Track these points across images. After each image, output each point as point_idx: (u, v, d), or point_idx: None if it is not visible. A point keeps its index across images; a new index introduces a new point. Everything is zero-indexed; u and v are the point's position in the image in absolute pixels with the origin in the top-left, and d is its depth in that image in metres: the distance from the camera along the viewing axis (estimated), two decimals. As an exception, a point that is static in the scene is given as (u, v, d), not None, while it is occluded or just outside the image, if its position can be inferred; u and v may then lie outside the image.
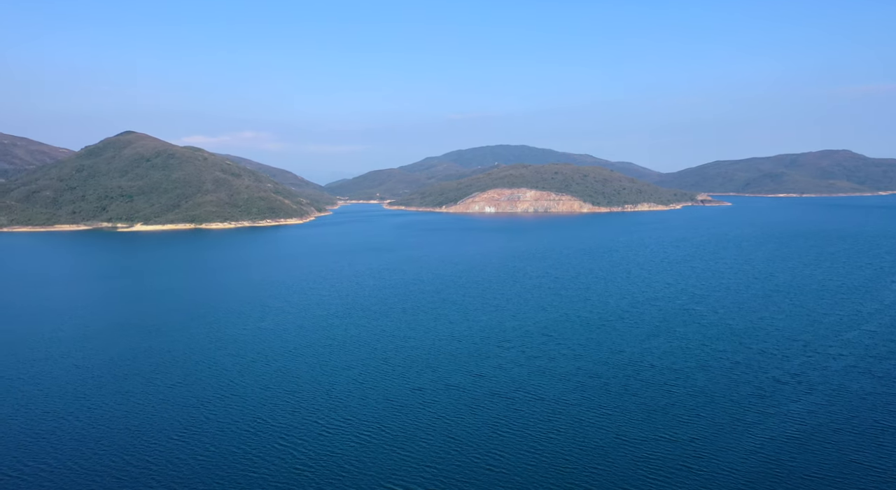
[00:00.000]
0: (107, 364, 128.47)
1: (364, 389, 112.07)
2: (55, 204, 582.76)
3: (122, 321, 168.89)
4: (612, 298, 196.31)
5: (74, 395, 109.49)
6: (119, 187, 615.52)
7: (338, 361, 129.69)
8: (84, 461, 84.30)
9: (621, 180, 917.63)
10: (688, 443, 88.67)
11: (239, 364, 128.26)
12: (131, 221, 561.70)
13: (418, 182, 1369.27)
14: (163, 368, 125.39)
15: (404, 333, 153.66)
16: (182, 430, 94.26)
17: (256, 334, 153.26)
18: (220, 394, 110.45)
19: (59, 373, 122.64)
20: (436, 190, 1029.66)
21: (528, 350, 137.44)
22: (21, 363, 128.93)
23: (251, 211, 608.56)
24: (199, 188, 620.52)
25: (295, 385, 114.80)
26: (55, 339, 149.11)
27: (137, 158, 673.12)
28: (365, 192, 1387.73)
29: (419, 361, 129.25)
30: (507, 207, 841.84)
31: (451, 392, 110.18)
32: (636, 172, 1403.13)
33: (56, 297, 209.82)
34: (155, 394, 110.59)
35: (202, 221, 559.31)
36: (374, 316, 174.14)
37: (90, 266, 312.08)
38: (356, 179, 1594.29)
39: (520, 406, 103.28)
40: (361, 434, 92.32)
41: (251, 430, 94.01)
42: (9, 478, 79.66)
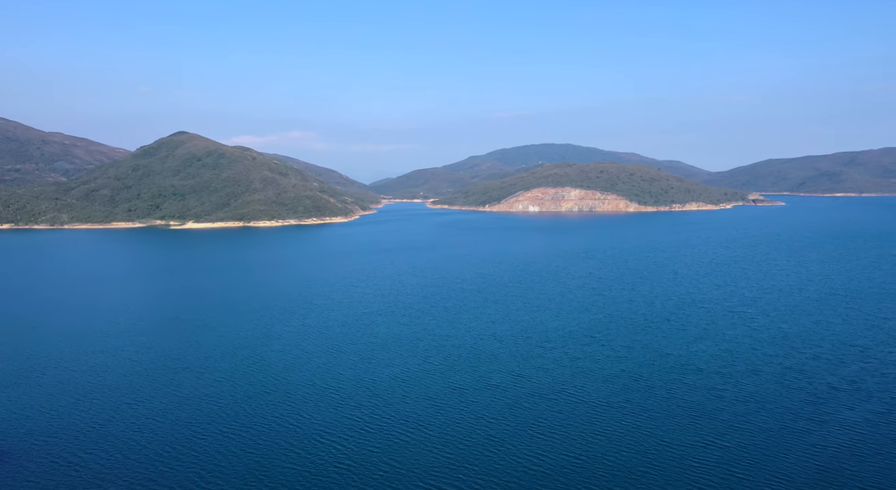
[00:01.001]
0: (158, 358, 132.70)
1: (405, 388, 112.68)
2: (112, 202, 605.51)
3: (174, 316, 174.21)
4: (657, 300, 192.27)
5: (129, 388, 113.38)
6: (172, 186, 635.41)
7: (379, 359, 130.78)
8: (137, 451, 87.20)
9: (669, 179, 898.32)
10: (736, 449, 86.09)
11: (283, 360, 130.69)
12: (183, 219, 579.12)
13: (462, 181, 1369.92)
14: (211, 363, 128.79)
15: (445, 332, 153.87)
16: (229, 424, 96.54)
17: (301, 331, 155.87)
18: (265, 389, 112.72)
19: (115, 365, 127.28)
20: (479, 189, 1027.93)
21: (571, 351, 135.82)
22: (81, 355, 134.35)
23: (297, 209, 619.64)
24: (247, 187, 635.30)
25: (337, 382, 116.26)
26: (111, 332, 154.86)
27: (189, 158, 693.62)
28: (409, 190, 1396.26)
29: (460, 361, 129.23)
30: (551, 207, 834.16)
31: (492, 392, 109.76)
32: (684, 171, 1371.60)
33: (112, 292, 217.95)
34: (203, 387, 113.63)
35: (250, 219, 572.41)
36: (416, 314, 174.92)
37: (144, 263, 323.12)
38: (400, 178, 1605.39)
39: (562, 408, 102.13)
40: (402, 432, 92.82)
41: (294, 426, 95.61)
42: (68, 465, 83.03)
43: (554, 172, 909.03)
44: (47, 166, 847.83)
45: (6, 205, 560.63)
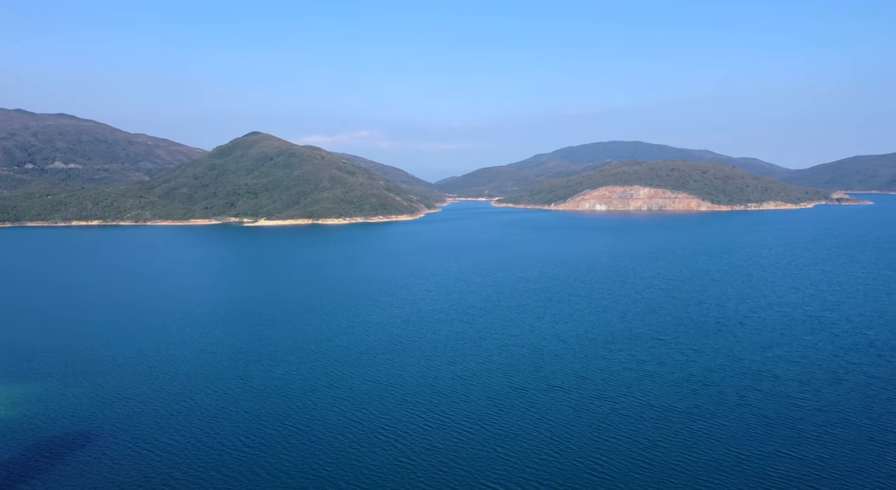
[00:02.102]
0: (231, 350, 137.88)
1: (466, 386, 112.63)
2: (190, 200, 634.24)
3: (245, 310, 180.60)
4: (730, 302, 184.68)
5: (203, 378, 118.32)
6: (245, 184, 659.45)
7: (442, 357, 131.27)
8: (210, 439, 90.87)
9: (744, 177, 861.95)
10: (815, 462, 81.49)
11: (348, 356, 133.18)
12: (256, 217, 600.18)
13: (527, 179, 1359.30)
14: (279, 356, 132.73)
15: (508, 331, 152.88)
16: (295, 416, 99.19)
17: (365, 327, 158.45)
18: (330, 383, 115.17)
19: (191, 356, 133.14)
20: (545, 187, 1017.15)
21: (637, 353, 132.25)
22: (160, 346, 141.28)
23: (364, 207, 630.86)
24: (316, 185, 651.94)
25: (400, 378, 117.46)
26: (187, 325, 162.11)
27: (262, 157, 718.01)
28: (473, 189, 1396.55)
29: (522, 360, 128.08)
30: (619, 205, 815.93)
31: (555, 393, 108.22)
32: (761, 168, 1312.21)
33: (189, 286, 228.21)
34: (272, 380, 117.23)
35: (319, 217, 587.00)
36: (479, 313, 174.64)
37: (219, 259, 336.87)
38: (465, 177, 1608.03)
39: (626, 411, 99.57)
40: (462, 431, 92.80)
41: (357, 421, 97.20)
42: (148, 450, 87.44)
43: (622, 170, 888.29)
44: (132, 166, 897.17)
45: (96, 202, 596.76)
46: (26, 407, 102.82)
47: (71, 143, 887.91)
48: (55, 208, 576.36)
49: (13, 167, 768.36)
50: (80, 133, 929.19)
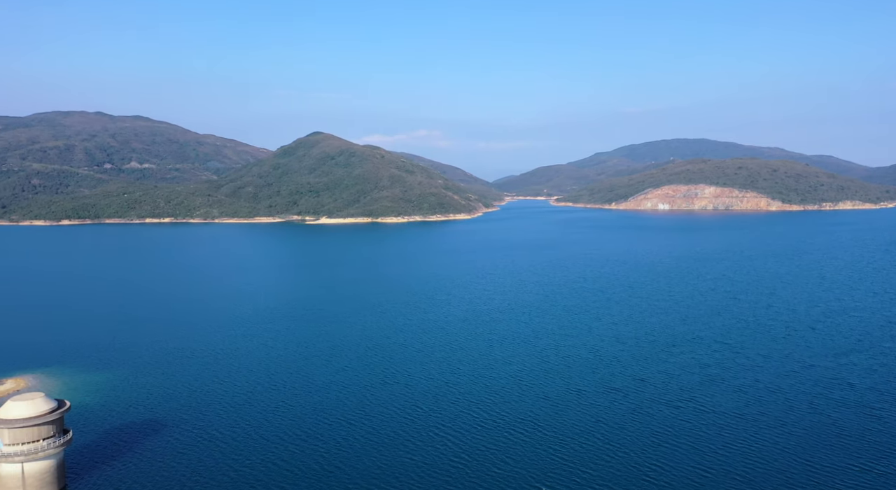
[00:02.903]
0: (291, 345, 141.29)
1: (522, 386, 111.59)
2: (255, 198, 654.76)
3: (305, 306, 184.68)
4: (800, 306, 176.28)
5: (265, 372, 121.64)
6: (308, 183, 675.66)
7: (498, 356, 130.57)
8: (271, 431, 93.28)
9: (818, 175, 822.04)
10: (893, 477, 76.63)
11: (404, 353, 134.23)
12: (317, 215, 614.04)
13: (587, 178, 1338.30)
14: (338, 352, 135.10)
15: (565, 332, 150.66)
16: (353, 411, 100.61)
17: (421, 325, 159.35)
18: (386, 380, 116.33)
19: (253, 350, 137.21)
20: (605, 186, 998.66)
21: (700, 357, 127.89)
22: (224, 340, 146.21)
23: (422, 206, 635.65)
24: (376, 184, 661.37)
25: (456, 377, 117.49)
26: (250, 319, 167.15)
27: (324, 157, 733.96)
28: (532, 188, 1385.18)
29: (579, 362, 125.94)
30: (683, 205, 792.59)
31: (612, 396, 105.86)
32: (837, 166, 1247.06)
33: (253, 281, 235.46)
34: (331, 375, 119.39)
35: (378, 215, 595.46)
36: (536, 313, 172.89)
37: (282, 255, 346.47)
38: (523, 175, 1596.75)
39: (687, 416, 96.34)
40: (517, 431, 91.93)
41: (412, 418, 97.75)
42: (212, 439, 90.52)
43: (686, 169, 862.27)
44: (202, 165, 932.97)
45: (168, 200, 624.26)
46: (103, 394, 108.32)
47: (146, 143, 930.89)
48: (131, 206, 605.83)
49: (93, 167, 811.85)
50: (154, 134, 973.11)
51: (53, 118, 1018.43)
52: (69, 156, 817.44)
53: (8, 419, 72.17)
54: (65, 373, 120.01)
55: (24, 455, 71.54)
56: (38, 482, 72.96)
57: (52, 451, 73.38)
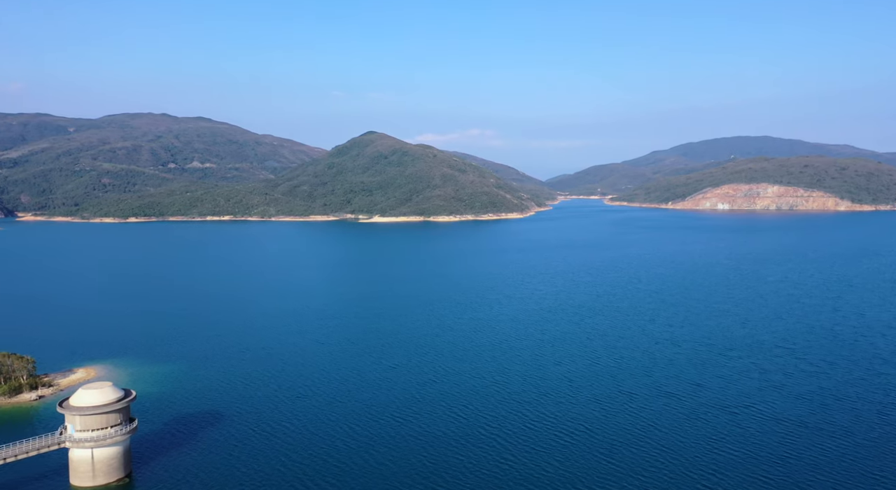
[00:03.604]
0: (343, 341, 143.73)
1: (573, 388, 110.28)
2: (310, 197, 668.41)
3: (357, 302, 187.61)
4: (870, 310, 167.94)
5: (318, 367, 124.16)
6: (361, 182, 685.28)
7: (548, 357, 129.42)
8: (324, 427, 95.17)
9: (892, 173, 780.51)
10: (969, 494, 72.19)
11: (454, 351, 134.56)
12: (370, 213, 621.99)
13: (643, 177, 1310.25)
14: (388, 349, 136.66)
15: (618, 333, 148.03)
16: (402, 408, 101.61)
17: (471, 324, 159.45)
18: (436, 378, 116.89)
19: (306, 345, 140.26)
20: (661, 185, 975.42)
21: (760, 362, 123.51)
22: (279, 335, 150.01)
23: (475, 205, 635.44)
24: (428, 183, 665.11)
25: (505, 376, 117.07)
26: (304, 315, 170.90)
27: (377, 156, 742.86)
28: (586, 187, 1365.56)
29: (632, 364, 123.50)
30: (744, 204, 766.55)
31: (666, 400, 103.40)
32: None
33: (308, 278, 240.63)
34: (381, 372, 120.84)
35: (430, 214, 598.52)
36: (588, 313, 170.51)
37: (334, 253, 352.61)
38: (577, 174, 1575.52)
39: (746, 423, 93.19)
40: (567, 433, 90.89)
41: (461, 417, 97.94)
42: (268, 431, 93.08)
43: (748, 167, 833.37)
44: (259, 165, 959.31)
45: (227, 199, 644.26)
46: (165, 385, 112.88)
47: (207, 144, 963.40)
48: (192, 204, 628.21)
49: (158, 166, 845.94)
50: (215, 135, 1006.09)
51: (123, 120, 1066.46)
52: (136, 156, 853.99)
53: (79, 407, 76.07)
54: (131, 363, 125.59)
55: (93, 441, 75.25)
56: (106, 468, 76.62)
57: (119, 438, 76.94)
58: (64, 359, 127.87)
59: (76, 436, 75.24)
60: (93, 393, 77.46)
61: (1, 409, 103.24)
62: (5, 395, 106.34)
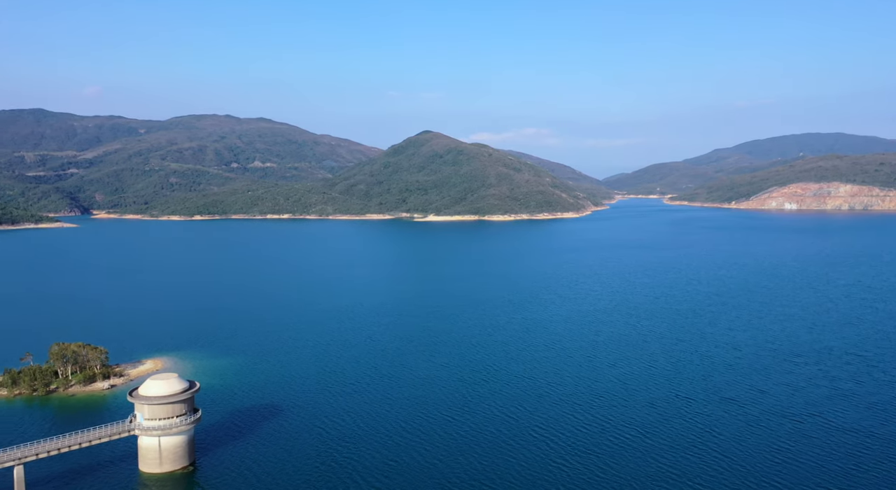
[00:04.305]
0: (396, 339, 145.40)
1: (627, 390, 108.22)
2: (367, 196, 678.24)
3: (411, 300, 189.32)
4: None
5: (371, 364, 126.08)
6: (416, 181, 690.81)
7: (602, 359, 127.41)
8: (378, 422, 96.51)
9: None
10: None
11: (506, 351, 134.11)
12: (425, 212, 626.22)
13: (704, 176, 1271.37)
14: (441, 348, 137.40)
15: (675, 336, 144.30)
16: (453, 407, 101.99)
17: (524, 324, 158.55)
18: (488, 377, 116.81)
19: (360, 342, 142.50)
20: (724, 184, 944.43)
21: (828, 369, 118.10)
22: (335, 331, 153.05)
23: (529, 204, 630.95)
24: (483, 182, 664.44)
25: (558, 378, 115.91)
26: (357, 312, 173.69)
27: (432, 155, 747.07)
28: (644, 186, 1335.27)
29: (690, 368, 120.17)
30: (813, 204, 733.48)
31: (726, 406, 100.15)
32: None
33: (362, 276, 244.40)
34: (433, 370, 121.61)
35: (485, 214, 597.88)
36: (644, 315, 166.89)
37: (389, 251, 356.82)
38: (635, 173, 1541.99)
39: (814, 433, 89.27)
40: (621, 437, 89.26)
41: (513, 417, 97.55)
42: (324, 425, 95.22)
43: (818, 165, 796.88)
44: (318, 164, 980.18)
45: (287, 197, 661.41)
46: (226, 378, 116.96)
47: (268, 144, 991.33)
48: (254, 203, 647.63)
49: (221, 166, 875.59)
50: (276, 135, 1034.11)
51: (189, 121, 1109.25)
52: (202, 156, 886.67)
53: (148, 396, 79.76)
54: (194, 356, 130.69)
55: (160, 430, 78.77)
56: (172, 455, 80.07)
57: (184, 427, 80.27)
58: (134, 350, 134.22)
59: (145, 424, 78.88)
60: (160, 383, 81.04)
61: (76, 397, 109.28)
62: (80, 384, 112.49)
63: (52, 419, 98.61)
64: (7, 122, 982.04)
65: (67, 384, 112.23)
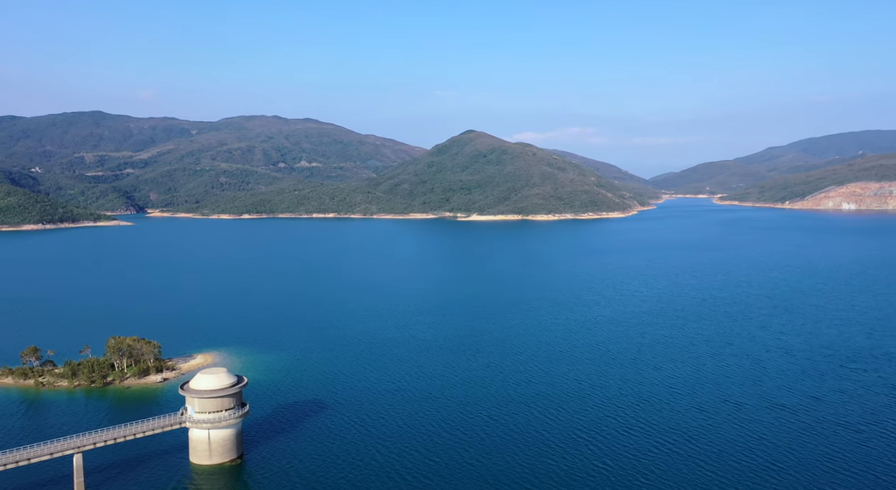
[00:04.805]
0: (439, 338, 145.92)
1: (673, 394, 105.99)
2: (410, 195, 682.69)
3: (451, 300, 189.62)
4: None
5: (414, 362, 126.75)
6: (460, 181, 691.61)
7: (647, 361, 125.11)
8: (419, 421, 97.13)
9: None
10: None
11: (549, 352, 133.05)
12: (468, 212, 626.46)
13: (756, 175, 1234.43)
14: (483, 348, 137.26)
15: (724, 339, 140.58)
16: (495, 408, 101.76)
17: (567, 325, 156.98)
18: (530, 378, 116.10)
19: (404, 340, 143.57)
20: (777, 183, 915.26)
21: (889, 376, 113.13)
22: (377, 329, 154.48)
23: (574, 204, 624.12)
24: (527, 181, 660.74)
25: (602, 380, 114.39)
26: (400, 310, 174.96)
27: (476, 155, 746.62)
28: (693, 185, 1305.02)
29: (739, 373, 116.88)
30: (873, 204, 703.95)
31: (778, 413, 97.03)
32: None
33: (405, 274, 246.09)
34: (475, 370, 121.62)
35: (528, 213, 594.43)
36: (691, 317, 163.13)
37: (432, 250, 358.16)
38: (684, 172, 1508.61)
39: (873, 444, 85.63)
40: (667, 441, 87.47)
41: (555, 418, 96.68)
42: (359, 425, 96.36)
43: (879, 163, 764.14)
44: (362, 164, 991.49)
45: (332, 197, 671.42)
46: (273, 374, 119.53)
47: (314, 144, 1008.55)
48: (300, 202, 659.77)
49: (269, 166, 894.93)
50: (322, 135, 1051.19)
51: (238, 122, 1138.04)
52: (250, 156, 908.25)
53: (198, 390, 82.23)
54: (242, 351, 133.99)
55: (210, 423, 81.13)
56: (221, 448, 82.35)
57: (232, 421, 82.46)
58: (185, 345, 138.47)
59: (195, 417, 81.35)
60: (210, 378, 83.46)
61: (131, 389, 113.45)
62: (135, 377, 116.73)
63: (108, 410, 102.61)
64: (69, 125, 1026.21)
65: (123, 376, 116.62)
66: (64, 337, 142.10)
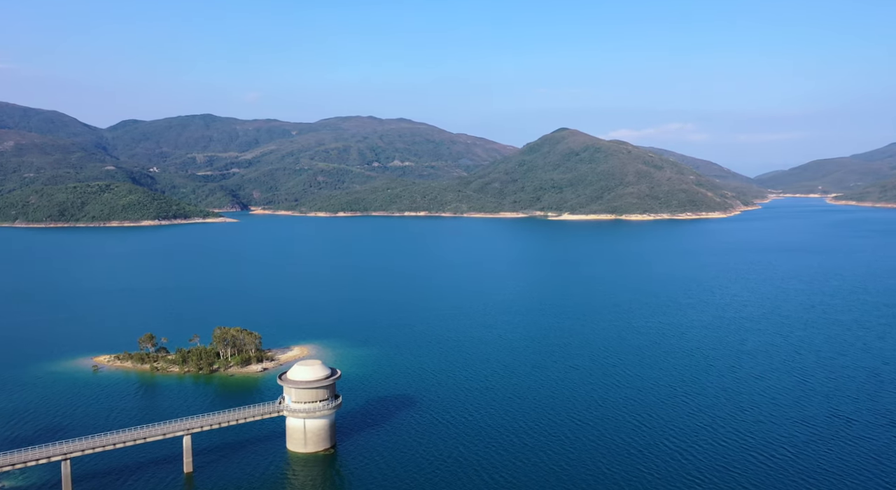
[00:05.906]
0: (526, 338, 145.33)
1: (776, 406, 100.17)
2: (501, 194, 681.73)
3: (541, 300, 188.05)
4: None
5: (502, 362, 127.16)
6: (551, 179, 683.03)
7: (746, 370, 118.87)
8: (505, 419, 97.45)
9: None
10: None
11: (639, 357, 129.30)
12: (559, 211, 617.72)
13: (878, 172, 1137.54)
14: (571, 348, 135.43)
15: (835, 349, 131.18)
16: (583, 410, 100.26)
17: (660, 329, 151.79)
18: (620, 382, 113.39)
19: (492, 339, 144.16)
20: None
21: None
22: (465, 328, 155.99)
23: (671, 203, 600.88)
24: (621, 180, 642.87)
25: (697, 387, 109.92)
26: (489, 309, 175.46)
27: (568, 153, 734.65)
28: (803, 184, 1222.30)
29: (852, 385, 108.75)
30: None
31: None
32: None
33: (493, 273, 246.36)
34: (564, 371, 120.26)
35: (622, 213, 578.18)
36: (798, 325, 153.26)
37: (522, 249, 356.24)
38: (793, 170, 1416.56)
39: None
40: (767, 455, 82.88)
41: (645, 425, 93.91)
42: (443, 422, 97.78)
43: None
44: (454, 163, 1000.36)
45: (423, 195, 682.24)
46: (365, 367, 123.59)
47: (407, 143, 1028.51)
48: (392, 201, 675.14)
49: (363, 165, 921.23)
50: (414, 135, 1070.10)
51: (335, 123, 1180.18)
52: (346, 156, 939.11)
53: (295, 380, 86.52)
54: (336, 345, 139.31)
55: (305, 412, 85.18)
56: (315, 438, 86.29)
57: (326, 411, 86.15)
58: (283, 336, 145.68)
59: (292, 406, 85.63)
60: (306, 369, 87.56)
61: (234, 377, 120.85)
62: (238, 365, 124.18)
63: (213, 395, 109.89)
64: (182, 127, 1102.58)
65: (227, 365, 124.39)
66: (177, 326, 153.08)
